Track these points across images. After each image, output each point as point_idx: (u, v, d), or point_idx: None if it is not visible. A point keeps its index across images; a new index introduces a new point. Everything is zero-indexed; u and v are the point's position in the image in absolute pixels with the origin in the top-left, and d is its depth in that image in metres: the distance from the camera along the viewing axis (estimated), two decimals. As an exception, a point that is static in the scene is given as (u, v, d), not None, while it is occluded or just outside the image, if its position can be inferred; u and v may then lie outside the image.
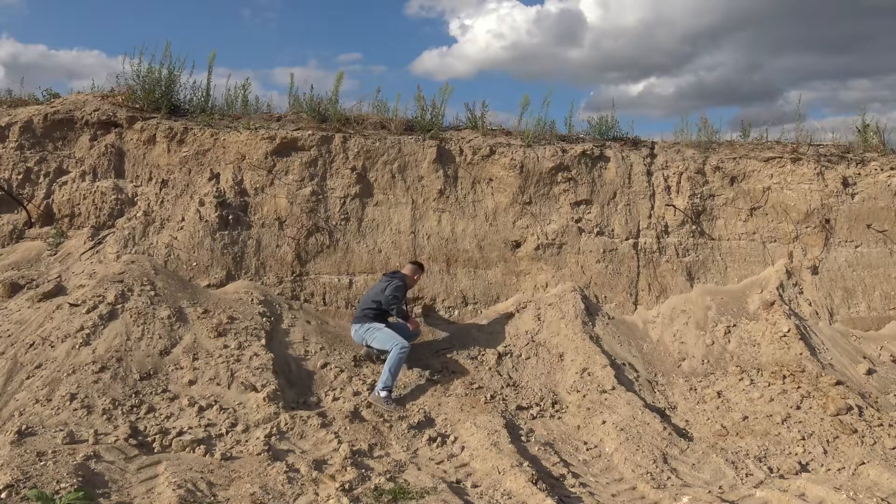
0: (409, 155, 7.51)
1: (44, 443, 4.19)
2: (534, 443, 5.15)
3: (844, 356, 6.86)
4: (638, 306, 7.43)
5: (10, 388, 4.91)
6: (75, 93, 7.73)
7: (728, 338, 6.93)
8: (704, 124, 8.70)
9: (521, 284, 7.37)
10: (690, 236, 7.87)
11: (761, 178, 8.13)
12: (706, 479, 4.74)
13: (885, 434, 5.43)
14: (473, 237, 7.43)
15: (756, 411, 5.84)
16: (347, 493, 4.05)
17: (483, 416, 5.35)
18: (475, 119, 8.14)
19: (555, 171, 7.75)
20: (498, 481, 4.40)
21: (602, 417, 5.50)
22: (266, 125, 7.40)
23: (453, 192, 7.54)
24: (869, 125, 8.90)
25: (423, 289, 7.05)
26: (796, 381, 6.18)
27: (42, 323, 5.56)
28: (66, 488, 3.64)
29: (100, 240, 6.69)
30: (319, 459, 4.49)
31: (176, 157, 7.10)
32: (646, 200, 7.93)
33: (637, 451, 4.98)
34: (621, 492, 4.51)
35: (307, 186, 7.15)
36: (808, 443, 5.36)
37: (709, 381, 6.38)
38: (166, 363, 5.32)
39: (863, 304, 7.66)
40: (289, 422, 4.89)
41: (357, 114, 7.91)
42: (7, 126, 7.08)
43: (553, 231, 7.58)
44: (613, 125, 8.43)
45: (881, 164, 8.32)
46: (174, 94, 7.55)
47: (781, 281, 7.54)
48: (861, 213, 8.07)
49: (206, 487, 3.94)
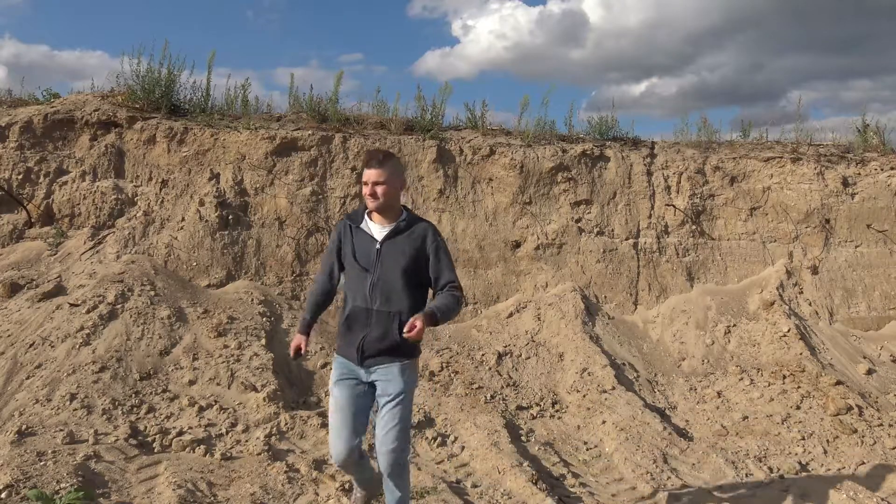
0: (409, 155, 7.51)
1: (44, 443, 4.19)
2: (534, 443, 5.15)
3: (844, 356, 6.86)
4: (638, 306, 7.43)
5: (10, 388, 4.91)
6: (75, 93, 7.73)
7: (728, 338, 6.92)
8: (704, 124, 8.73)
9: (521, 284, 7.37)
10: (690, 236, 7.88)
11: (761, 177, 8.13)
12: (706, 479, 4.74)
13: (885, 434, 5.43)
14: (473, 237, 7.43)
15: (756, 411, 5.84)
16: (347, 493, 4.04)
17: (483, 416, 5.35)
18: (475, 119, 8.15)
19: (555, 171, 7.75)
20: (498, 481, 4.40)
21: (602, 417, 5.50)
22: (266, 125, 7.40)
23: (453, 192, 7.55)
24: (869, 125, 8.91)
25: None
26: (796, 381, 6.18)
27: (42, 323, 5.56)
28: (66, 488, 3.64)
29: (100, 240, 6.69)
30: (319, 459, 4.49)
31: (176, 157, 7.10)
32: (646, 200, 7.93)
33: (637, 451, 4.98)
34: (621, 492, 4.51)
35: (307, 186, 7.15)
36: (808, 443, 5.36)
37: (709, 381, 6.38)
38: (166, 363, 5.32)
39: (863, 304, 7.66)
40: (289, 422, 4.89)
41: (357, 114, 7.92)
42: (7, 126, 7.08)
43: (553, 231, 7.58)
44: (613, 125, 8.44)
45: (881, 164, 8.32)
46: (174, 94, 7.55)
47: (781, 281, 7.54)
48: (861, 213, 8.07)
49: (206, 487, 3.94)
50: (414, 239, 3.21)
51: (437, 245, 3.25)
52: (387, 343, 3.17)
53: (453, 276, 3.22)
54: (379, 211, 3.25)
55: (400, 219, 3.26)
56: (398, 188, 3.29)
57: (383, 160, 3.21)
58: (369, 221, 3.30)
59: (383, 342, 3.17)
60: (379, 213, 3.26)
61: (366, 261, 3.19)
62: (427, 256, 3.21)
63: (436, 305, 3.09)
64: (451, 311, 3.13)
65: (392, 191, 3.22)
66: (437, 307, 3.07)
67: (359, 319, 3.21)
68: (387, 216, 3.26)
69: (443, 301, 3.12)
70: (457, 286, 3.20)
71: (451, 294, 3.15)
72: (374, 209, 3.25)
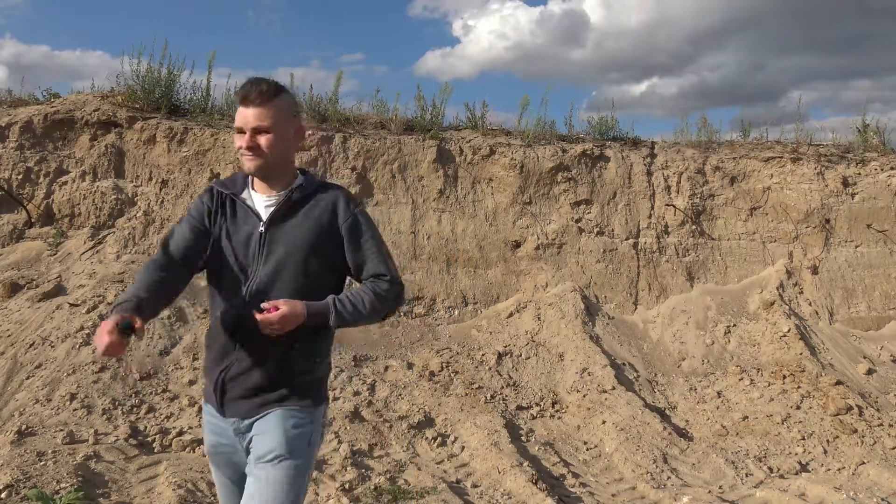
0: (409, 155, 7.51)
1: (44, 443, 4.19)
2: (534, 443, 5.16)
3: (844, 356, 6.86)
4: (638, 306, 7.43)
5: (10, 388, 4.91)
6: (75, 93, 7.73)
7: (728, 338, 6.93)
8: (704, 124, 8.72)
9: (521, 284, 7.37)
10: (690, 236, 7.88)
11: (761, 177, 8.13)
12: (706, 479, 4.74)
13: (885, 434, 5.43)
14: (473, 237, 7.43)
15: (756, 411, 5.84)
16: (347, 493, 4.05)
17: (483, 416, 5.35)
18: (475, 119, 8.15)
19: (555, 170, 7.75)
20: (498, 481, 4.40)
21: (602, 417, 5.50)
22: (266, 125, 7.39)
23: (453, 192, 7.55)
24: (869, 125, 8.91)
25: (424, 289, 7.05)
26: (796, 381, 6.18)
27: (42, 323, 5.56)
28: (66, 488, 3.64)
29: (100, 240, 6.69)
30: (319, 459, 4.49)
31: (176, 157, 7.10)
32: (646, 200, 7.93)
33: (637, 451, 4.98)
34: (621, 492, 4.52)
35: (307, 186, 7.15)
36: (808, 443, 5.36)
37: (709, 381, 6.38)
38: (166, 363, 5.33)
39: (863, 304, 7.66)
40: (289, 422, 4.89)
41: (357, 114, 7.91)
42: (7, 126, 7.08)
43: (553, 231, 7.58)
44: (613, 125, 8.44)
45: (881, 164, 8.32)
46: (174, 94, 7.54)
47: (781, 281, 7.55)
48: (861, 213, 8.07)
49: (206, 487, 3.94)
50: (318, 215, 2.09)
51: (356, 221, 2.11)
52: (263, 378, 2.04)
53: (383, 265, 2.11)
54: (262, 175, 2.11)
55: (293, 185, 2.12)
56: (292, 139, 2.13)
57: (268, 95, 2.02)
58: (251, 191, 2.17)
59: (259, 377, 2.04)
60: (262, 178, 2.12)
61: (243, 252, 2.08)
62: (340, 239, 2.09)
63: (339, 297, 2.06)
64: (367, 308, 2.05)
65: (282, 143, 2.07)
66: (342, 298, 2.04)
67: (218, 343, 2.13)
68: (274, 183, 2.12)
69: (356, 293, 2.07)
70: (389, 279, 2.09)
71: (371, 286, 2.08)
72: (255, 172, 2.09)
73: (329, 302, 2.03)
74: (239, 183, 2.19)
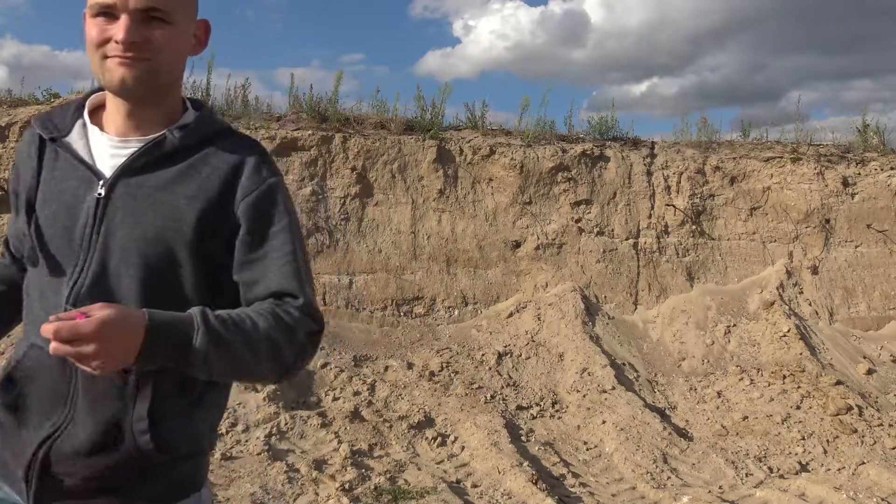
0: (409, 155, 7.51)
1: (44, 443, 4.19)
2: (534, 443, 5.16)
3: (844, 356, 6.86)
4: (638, 306, 7.43)
5: (10, 388, 4.91)
6: (76, 93, 7.73)
7: (728, 338, 6.93)
8: (704, 124, 8.73)
9: (521, 284, 7.37)
10: (690, 236, 7.88)
11: (761, 178, 8.13)
12: (706, 479, 4.74)
13: (885, 434, 5.43)
14: (473, 237, 7.43)
15: (756, 411, 5.84)
16: (347, 493, 4.05)
17: (483, 415, 5.35)
18: (475, 119, 8.15)
19: (555, 171, 7.75)
20: (498, 481, 4.40)
21: (602, 417, 5.50)
22: (266, 125, 7.39)
23: (453, 192, 7.55)
24: (869, 125, 8.92)
25: (424, 289, 7.06)
26: (796, 381, 6.18)
27: (42, 323, 5.56)
28: (66, 488, 3.63)
29: (100, 240, 6.69)
30: (319, 459, 4.49)
31: (176, 157, 7.09)
32: (646, 200, 7.93)
33: (637, 451, 4.98)
34: (621, 492, 4.52)
35: (307, 186, 7.15)
36: (808, 443, 5.36)
37: (709, 381, 6.39)
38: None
39: (863, 304, 7.66)
40: (289, 422, 4.89)
41: (357, 114, 7.91)
42: (7, 126, 7.08)
43: (553, 231, 7.59)
44: (613, 125, 8.44)
45: (881, 164, 8.32)
46: (174, 94, 7.53)
47: (781, 281, 7.55)
48: (861, 213, 8.07)
49: (206, 487, 3.94)
50: (205, 178, 1.23)
51: (267, 197, 1.25)
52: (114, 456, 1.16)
53: (295, 281, 1.21)
54: (136, 98, 1.23)
55: (176, 125, 1.28)
56: (194, 44, 1.33)
57: None
58: (90, 127, 1.28)
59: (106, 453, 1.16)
60: (134, 103, 1.24)
61: (64, 232, 1.22)
62: (235, 224, 1.22)
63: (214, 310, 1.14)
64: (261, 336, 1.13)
65: (184, 44, 1.28)
66: (218, 313, 1.14)
67: (41, 387, 1.21)
68: (146, 115, 1.26)
69: (242, 312, 1.17)
70: (302, 303, 1.20)
71: (271, 308, 1.18)
72: (130, 89, 1.19)
73: (194, 313, 1.11)
74: (69, 116, 1.29)
